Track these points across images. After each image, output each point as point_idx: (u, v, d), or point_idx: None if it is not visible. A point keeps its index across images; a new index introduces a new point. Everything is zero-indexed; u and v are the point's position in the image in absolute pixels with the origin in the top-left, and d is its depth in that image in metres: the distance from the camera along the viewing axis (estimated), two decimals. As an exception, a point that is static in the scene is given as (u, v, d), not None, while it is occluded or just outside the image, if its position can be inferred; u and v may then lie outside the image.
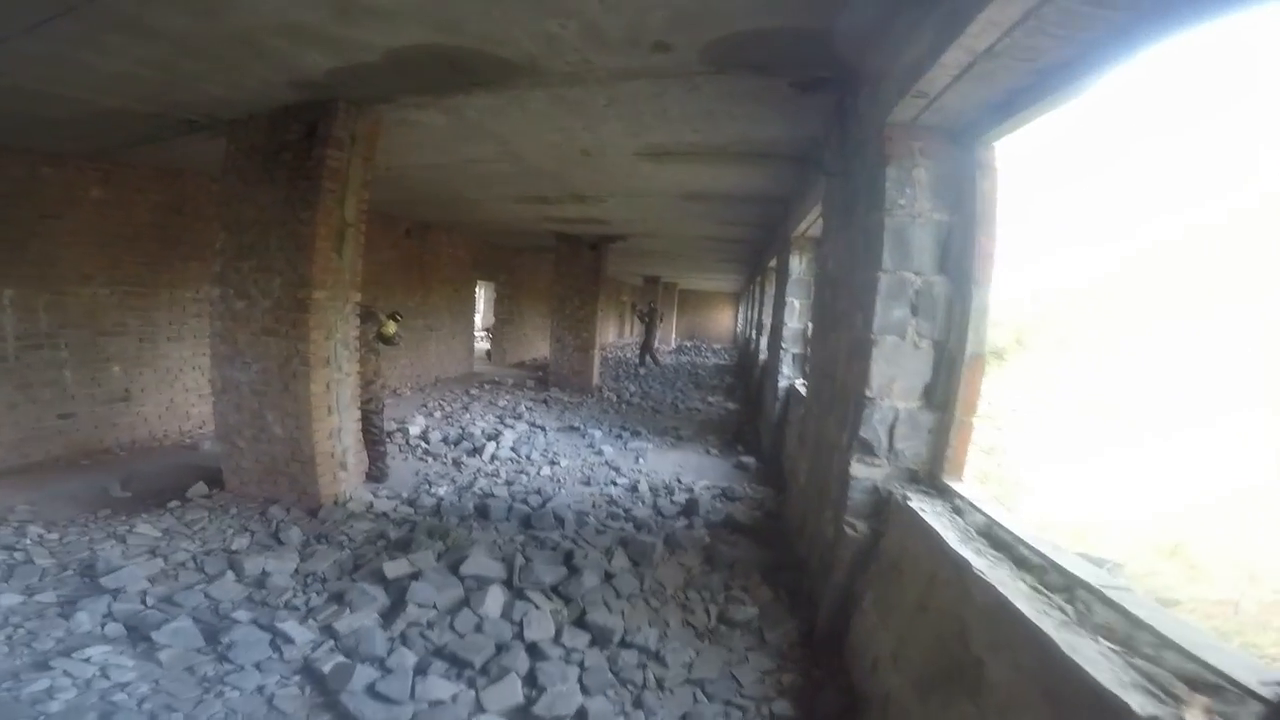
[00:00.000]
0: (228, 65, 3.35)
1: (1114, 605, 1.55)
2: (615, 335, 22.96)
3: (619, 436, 7.45)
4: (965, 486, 2.45)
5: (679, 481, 5.72)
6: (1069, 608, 1.61)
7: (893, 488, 2.58)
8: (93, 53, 3.12)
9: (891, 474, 2.64)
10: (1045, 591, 1.70)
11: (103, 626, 2.86)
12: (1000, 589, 1.71)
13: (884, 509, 2.59)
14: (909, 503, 2.40)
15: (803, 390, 5.24)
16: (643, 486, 5.43)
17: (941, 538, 2.07)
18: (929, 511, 2.30)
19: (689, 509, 4.80)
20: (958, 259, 2.53)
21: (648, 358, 15.57)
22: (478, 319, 13.88)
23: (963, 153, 2.52)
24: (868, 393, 2.60)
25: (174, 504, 4.39)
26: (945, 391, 2.54)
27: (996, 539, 2.05)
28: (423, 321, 10.68)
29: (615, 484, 5.52)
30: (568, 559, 3.61)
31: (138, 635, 2.79)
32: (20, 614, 2.92)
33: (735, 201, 6.97)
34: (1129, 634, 1.44)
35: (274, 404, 4.34)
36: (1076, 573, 1.70)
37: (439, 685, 2.50)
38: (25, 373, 5.25)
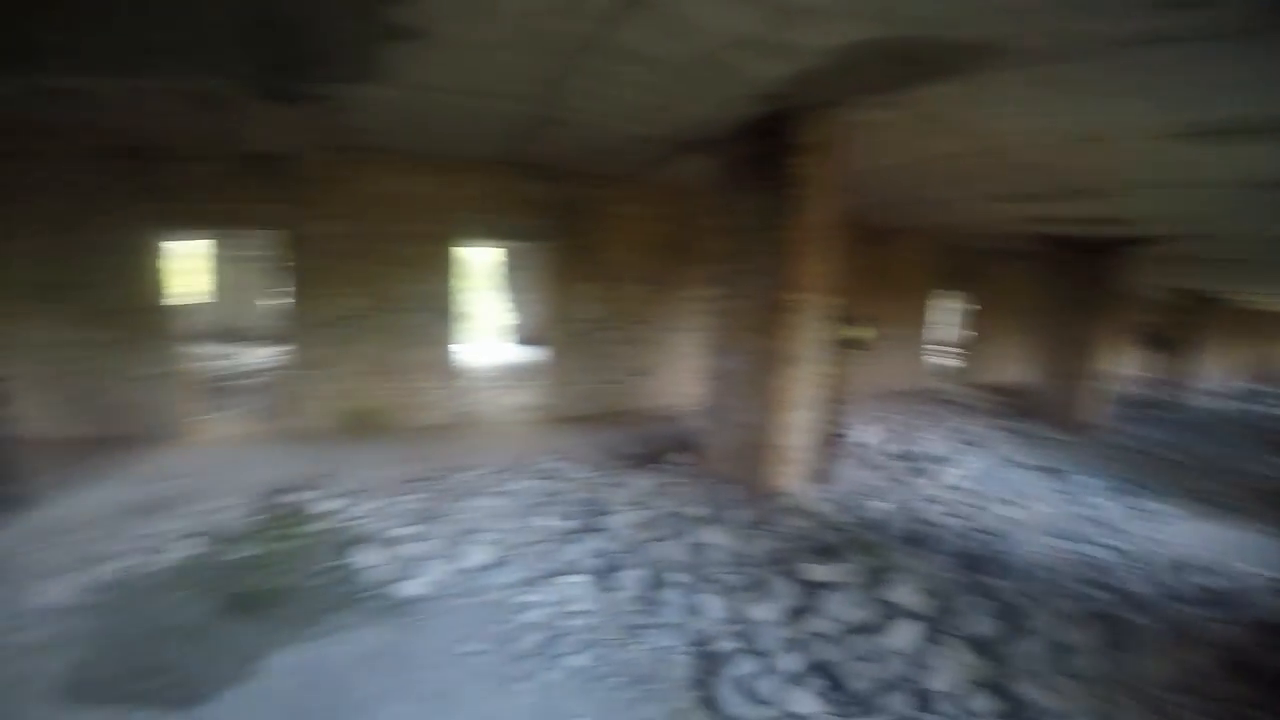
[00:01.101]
0: (702, 84, 3.72)
1: None
2: (1127, 364, 17.58)
3: (1119, 490, 5.71)
4: None
5: (1211, 562, 4.05)
6: None
7: None
8: (605, 83, 3.67)
9: None
10: None
11: (587, 560, 3.46)
12: None
13: None
14: None
15: None
16: (1148, 557, 4.06)
17: None
18: None
19: (1221, 598, 3.40)
20: None
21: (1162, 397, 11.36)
22: (940, 331, 12.77)
23: None
24: None
25: (663, 465, 5.26)
26: None
27: None
28: (885, 330, 10.44)
29: (1103, 545, 4.26)
30: (1008, 613, 3.00)
31: (605, 574, 3.31)
32: (547, 534, 3.76)
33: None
34: None
35: (746, 394, 4.74)
36: None
37: (805, 700, 2.44)
38: (593, 346, 7.38)
